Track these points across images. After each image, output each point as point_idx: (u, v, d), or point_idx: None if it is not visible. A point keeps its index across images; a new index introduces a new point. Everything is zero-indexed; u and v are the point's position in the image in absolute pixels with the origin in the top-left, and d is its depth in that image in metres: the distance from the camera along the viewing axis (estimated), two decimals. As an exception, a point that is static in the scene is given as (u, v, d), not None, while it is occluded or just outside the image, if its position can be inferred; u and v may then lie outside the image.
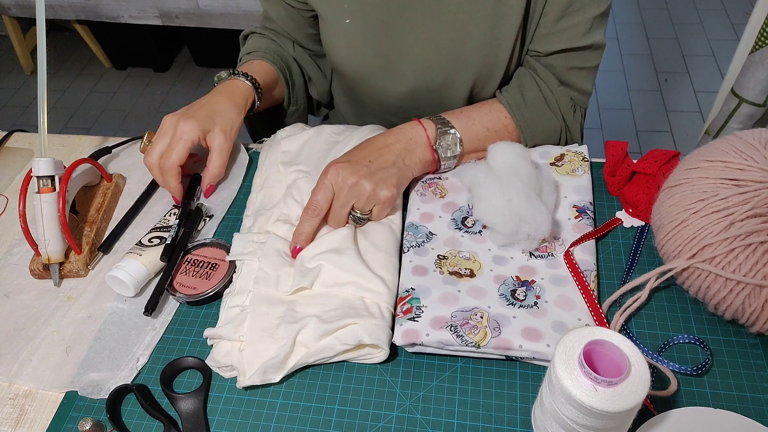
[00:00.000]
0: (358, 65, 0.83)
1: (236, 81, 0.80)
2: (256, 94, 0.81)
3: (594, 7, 0.72)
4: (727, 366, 0.59)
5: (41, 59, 0.70)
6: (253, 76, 0.81)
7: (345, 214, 0.68)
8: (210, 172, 0.77)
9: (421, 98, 0.85)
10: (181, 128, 0.73)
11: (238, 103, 0.78)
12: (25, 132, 0.94)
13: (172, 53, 2.68)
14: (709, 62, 2.37)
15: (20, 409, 0.61)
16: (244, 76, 0.80)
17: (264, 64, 0.85)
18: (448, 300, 0.62)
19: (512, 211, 0.64)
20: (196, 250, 0.72)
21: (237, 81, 0.80)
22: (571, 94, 0.79)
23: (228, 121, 0.76)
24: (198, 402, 0.59)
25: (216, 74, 0.83)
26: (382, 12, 0.76)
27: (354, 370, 0.61)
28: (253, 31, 0.91)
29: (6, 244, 0.78)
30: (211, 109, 0.76)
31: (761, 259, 0.54)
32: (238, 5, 2.12)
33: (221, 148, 0.76)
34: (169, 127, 0.74)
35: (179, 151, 0.73)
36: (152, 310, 0.65)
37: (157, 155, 0.73)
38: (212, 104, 0.76)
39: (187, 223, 0.73)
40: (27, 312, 0.69)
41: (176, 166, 0.73)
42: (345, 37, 0.81)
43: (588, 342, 0.46)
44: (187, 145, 0.73)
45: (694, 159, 0.62)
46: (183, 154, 0.73)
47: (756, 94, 1.29)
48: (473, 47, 0.76)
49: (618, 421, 0.46)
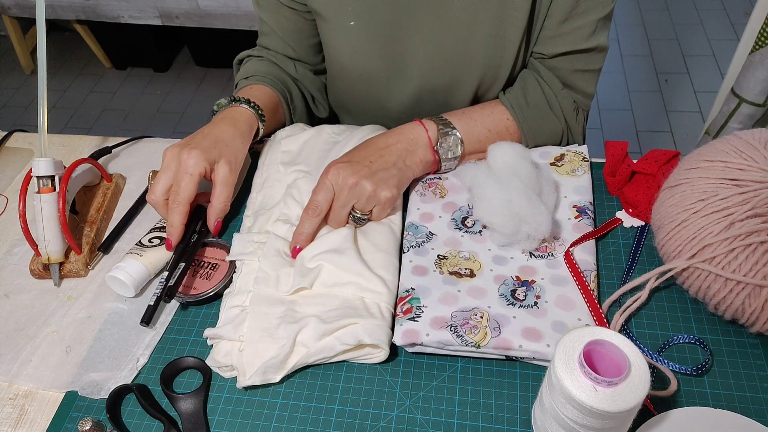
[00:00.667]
0: (363, 68, 0.82)
1: (238, 108, 0.76)
2: (260, 120, 0.77)
3: (598, 10, 0.72)
4: (727, 366, 0.59)
5: (41, 59, 0.70)
6: (255, 102, 0.77)
7: (345, 215, 0.68)
8: (215, 207, 0.71)
9: (426, 101, 0.84)
10: (185, 161, 0.67)
11: (242, 131, 0.74)
12: (25, 132, 0.94)
13: (172, 53, 2.68)
14: (709, 62, 2.37)
15: (20, 409, 0.61)
16: (246, 102, 0.76)
17: (263, 89, 0.82)
18: (448, 300, 0.62)
19: (512, 211, 0.64)
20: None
21: (239, 108, 0.76)
22: (574, 96, 0.79)
23: (232, 151, 0.71)
24: (198, 402, 0.59)
25: (215, 102, 0.78)
26: (386, 13, 0.76)
27: (354, 370, 0.61)
28: (250, 54, 0.87)
29: (6, 244, 0.78)
30: (214, 139, 0.71)
31: (761, 259, 0.54)
32: (238, 5, 2.12)
33: (226, 181, 0.70)
34: (171, 159, 0.68)
35: (187, 186, 0.67)
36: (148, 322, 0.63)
37: (161, 191, 0.68)
38: (215, 133, 0.72)
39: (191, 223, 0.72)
40: (27, 312, 0.69)
41: (186, 203, 0.68)
42: (349, 39, 0.79)
43: (588, 342, 0.46)
44: (194, 180, 0.68)
45: (694, 159, 0.62)
46: (192, 190, 0.68)
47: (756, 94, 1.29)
48: (478, 49, 0.76)
49: (618, 421, 0.46)
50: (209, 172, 0.70)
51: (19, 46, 2.56)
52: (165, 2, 2.18)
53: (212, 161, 0.69)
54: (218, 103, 0.78)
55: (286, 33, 0.84)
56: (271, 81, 0.83)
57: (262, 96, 0.80)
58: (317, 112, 0.94)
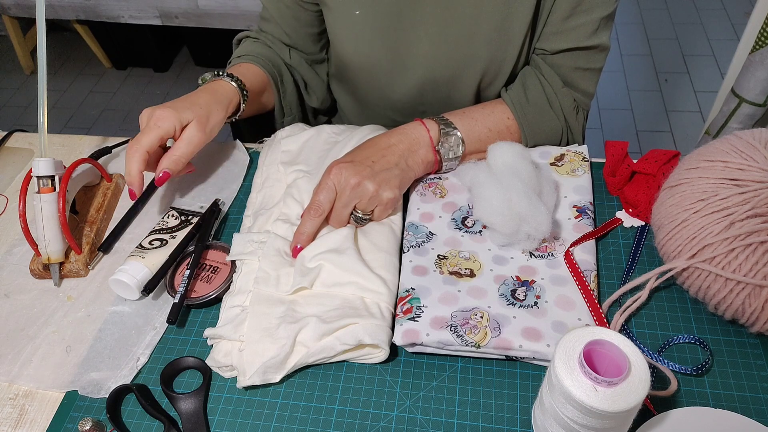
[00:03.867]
0: (366, 57, 0.82)
1: (220, 81, 0.77)
2: (242, 96, 0.78)
3: (602, 9, 0.72)
4: (727, 366, 0.59)
5: (41, 59, 0.70)
6: (240, 78, 0.78)
7: (347, 215, 0.68)
8: (168, 156, 0.70)
9: (428, 93, 0.85)
10: (157, 115, 0.69)
11: (219, 100, 0.74)
12: (25, 132, 0.94)
13: (172, 53, 2.67)
14: (709, 62, 2.37)
15: (20, 409, 0.61)
16: (230, 77, 0.77)
17: (253, 68, 0.83)
18: (448, 300, 0.62)
19: (512, 211, 0.64)
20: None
21: (221, 81, 0.77)
22: (574, 95, 0.79)
23: (205, 113, 0.72)
24: (198, 402, 0.59)
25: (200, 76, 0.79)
26: (391, 4, 0.76)
27: (354, 370, 0.61)
28: (248, 35, 0.89)
29: (6, 244, 0.78)
30: (189, 102, 0.72)
31: (761, 259, 0.54)
32: (238, 5, 2.12)
33: (190, 138, 0.71)
34: (144, 115, 0.70)
35: (149, 135, 0.68)
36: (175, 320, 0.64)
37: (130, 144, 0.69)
38: (191, 98, 0.73)
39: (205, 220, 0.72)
40: (27, 312, 0.69)
41: (143, 151, 0.68)
42: (353, 28, 0.80)
43: (588, 342, 0.46)
44: (159, 133, 0.68)
45: (694, 159, 0.62)
46: (153, 140, 0.68)
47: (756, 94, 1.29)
48: (482, 42, 0.76)
49: (618, 421, 0.46)
50: (178, 132, 0.70)
51: (19, 46, 2.56)
52: (165, 2, 2.18)
53: (184, 121, 0.70)
54: (203, 77, 0.79)
55: (285, 20, 0.85)
56: (263, 62, 0.84)
57: (249, 74, 0.81)
58: (309, 101, 0.94)
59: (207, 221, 0.73)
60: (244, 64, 0.83)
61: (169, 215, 0.75)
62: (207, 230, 0.72)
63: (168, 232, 0.72)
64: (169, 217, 0.75)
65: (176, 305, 0.64)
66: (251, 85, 0.80)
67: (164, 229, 0.73)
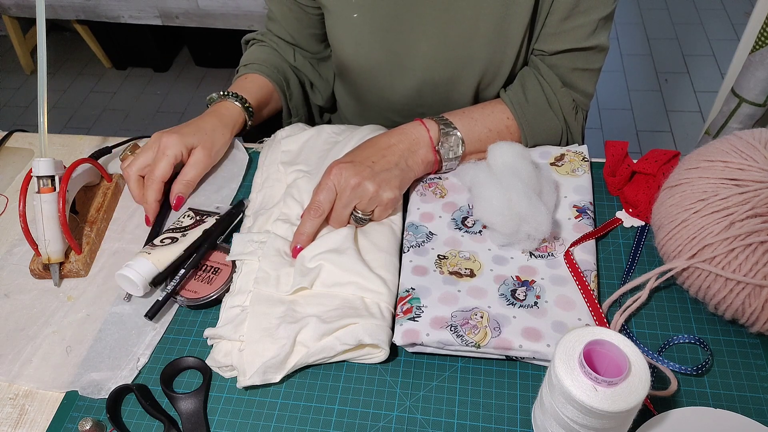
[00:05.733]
0: (365, 59, 0.83)
1: (225, 103, 0.81)
2: (247, 114, 0.82)
3: (600, 10, 0.72)
4: (727, 366, 0.59)
5: (41, 59, 0.70)
6: (244, 96, 0.82)
7: (347, 215, 0.68)
8: (178, 182, 0.76)
9: (427, 94, 0.85)
10: (164, 143, 0.74)
11: (225, 123, 0.79)
12: (25, 132, 0.94)
13: (172, 53, 2.67)
14: (709, 62, 2.37)
15: (20, 409, 0.61)
16: (234, 96, 0.81)
17: (258, 79, 0.86)
18: (448, 300, 0.62)
19: (512, 211, 0.64)
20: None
21: (226, 103, 0.81)
22: (573, 95, 0.79)
23: (210, 139, 0.77)
24: (198, 402, 0.59)
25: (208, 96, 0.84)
26: (390, 6, 0.76)
27: (354, 370, 0.61)
28: (255, 37, 0.92)
29: (6, 244, 0.78)
30: (196, 128, 0.77)
31: (761, 259, 0.54)
32: (238, 5, 2.12)
33: (196, 162, 0.76)
34: (153, 141, 0.75)
35: (162, 166, 0.73)
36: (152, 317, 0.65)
37: (137, 167, 0.75)
38: (198, 123, 0.78)
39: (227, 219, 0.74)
40: (27, 312, 0.69)
41: (159, 182, 0.74)
42: (352, 31, 0.80)
43: (588, 342, 0.46)
44: (170, 161, 0.74)
45: (694, 159, 0.62)
46: (165, 170, 0.74)
47: (756, 94, 1.29)
48: (481, 44, 0.77)
49: (618, 421, 0.46)
50: (185, 156, 0.76)
51: (19, 46, 2.56)
52: (165, 2, 2.18)
53: (190, 146, 0.75)
54: (210, 98, 0.84)
55: (287, 20, 0.88)
56: (268, 69, 0.87)
57: (255, 88, 0.85)
58: (315, 100, 0.97)
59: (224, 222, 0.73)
60: (249, 75, 0.87)
61: (186, 215, 0.75)
62: (219, 231, 0.72)
63: (180, 231, 0.72)
64: (185, 217, 0.75)
65: (158, 302, 0.65)
66: (256, 100, 0.84)
67: (178, 228, 0.73)
